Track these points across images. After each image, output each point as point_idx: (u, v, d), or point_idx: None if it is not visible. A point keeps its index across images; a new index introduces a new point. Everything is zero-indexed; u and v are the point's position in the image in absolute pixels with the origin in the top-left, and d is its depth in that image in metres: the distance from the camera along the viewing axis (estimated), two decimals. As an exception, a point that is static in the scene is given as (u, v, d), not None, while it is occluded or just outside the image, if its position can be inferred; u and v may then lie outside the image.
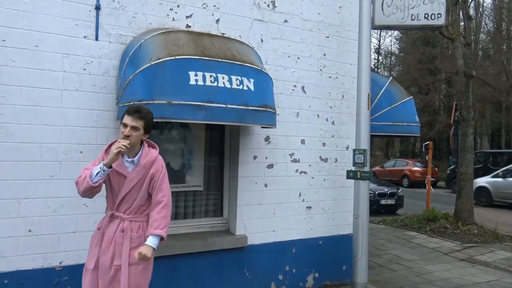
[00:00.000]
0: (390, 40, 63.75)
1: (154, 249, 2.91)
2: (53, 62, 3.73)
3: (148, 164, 3.00)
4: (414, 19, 5.24)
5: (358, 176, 4.80)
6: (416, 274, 6.16)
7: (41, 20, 3.67)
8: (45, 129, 3.69)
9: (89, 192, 2.89)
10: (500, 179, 14.47)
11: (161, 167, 3.06)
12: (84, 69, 3.86)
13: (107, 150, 2.99)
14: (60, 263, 3.75)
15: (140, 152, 3.02)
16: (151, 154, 3.04)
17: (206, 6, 4.48)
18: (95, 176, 2.82)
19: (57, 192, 3.73)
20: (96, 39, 3.92)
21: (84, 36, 3.86)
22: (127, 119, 2.92)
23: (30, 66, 3.64)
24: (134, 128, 2.91)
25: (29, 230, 3.62)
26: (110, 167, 2.87)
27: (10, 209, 3.55)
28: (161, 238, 2.95)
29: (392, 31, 36.05)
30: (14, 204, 3.57)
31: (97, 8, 3.90)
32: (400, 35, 35.13)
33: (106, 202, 3.11)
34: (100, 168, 2.83)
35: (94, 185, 2.82)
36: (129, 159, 3.00)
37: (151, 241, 2.91)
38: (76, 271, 3.76)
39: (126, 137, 2.88)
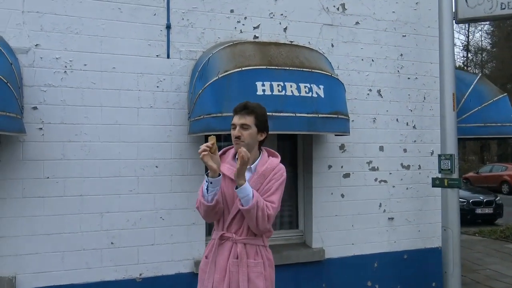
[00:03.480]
0: (480, 35, 58.93)
1: (244, 181, 2.33)
2: (129, 81, 3.91)
3: (267, 172, 2.48)
4: (504, 8, 4.71)
5: (446, 184, 4.39)
6: (521, 293, 5.46)
7: (117, 43, 3.88)
8: (123, 145, 3.87)
9: (211, 213, 2.42)
10: None
11: (280, 175, 2.50)
12: (158, 86, 4.00)
13: (221, 157, 2.54)
14: (140, 274, 3.88)
15: (258, 158, 2.55)
16: (271, 161, 2.54)
17: (273, 15, 4.43)
18: (207, 193, 2.35)
19: (135, 206, 3.88)
20: (168, 57, 4.05)
21: (157, 55, 4.01)
22: (235, 119, 2.48)
23: (109, 87, 3.85)
24: (243, 126, 2.44)
25: (111, 243, 3.80)
26: (219, 175, 2.34)
27: (93, 223, 3.76)
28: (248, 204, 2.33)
29: (482, 25, 33.36)
30: (97, 218, 3.77)
31: (168, 27, 4.04)
32: (491, 28, 32.33)
33: (215, 222, 2.59)
34: (206, 181, 2.33)
35: (209, 204, 2.36)
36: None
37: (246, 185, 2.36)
38: (155, 283, 3.89)
39: (237, 138, 2.43)
